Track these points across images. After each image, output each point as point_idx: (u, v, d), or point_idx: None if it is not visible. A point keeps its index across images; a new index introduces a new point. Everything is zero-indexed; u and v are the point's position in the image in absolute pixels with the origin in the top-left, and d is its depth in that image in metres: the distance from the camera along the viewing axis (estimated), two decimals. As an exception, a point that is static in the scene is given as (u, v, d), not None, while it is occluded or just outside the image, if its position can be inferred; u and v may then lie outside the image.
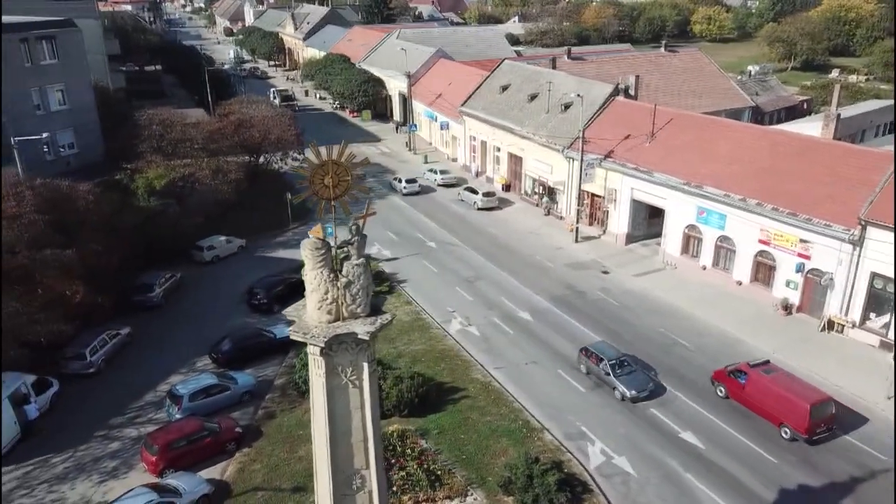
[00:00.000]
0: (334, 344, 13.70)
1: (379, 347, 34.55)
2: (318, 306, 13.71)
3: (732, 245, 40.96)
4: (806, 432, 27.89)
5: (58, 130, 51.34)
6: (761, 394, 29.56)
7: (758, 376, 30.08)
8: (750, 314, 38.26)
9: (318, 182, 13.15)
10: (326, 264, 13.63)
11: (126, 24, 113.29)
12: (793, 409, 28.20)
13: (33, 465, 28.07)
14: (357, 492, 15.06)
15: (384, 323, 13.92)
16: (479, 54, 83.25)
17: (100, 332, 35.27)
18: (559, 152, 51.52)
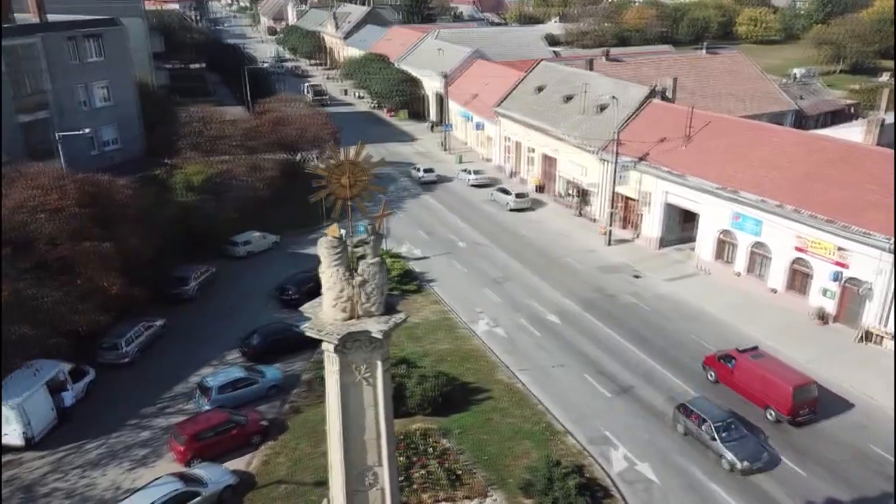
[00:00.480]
0: (348, 342, 13.89)
1: (405, 346, 35.22)
2: (333, 304, 13.92)
3: (768, 251, 40.15)
4: (789, 413, 29.17)
5: (101, 126, 52.75)
6: (748, 377, 30.86)
7: (745, 361, 31.33)
8: (784, 323, 37.46)
9: (336, 182, 13.33)
10: (342, 263, 13.82)
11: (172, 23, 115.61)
12: (777, 391, 29.48)
13: (67, 451, 28.99)
14: (369, 488, 15.24)
15: (398, 322, 14.07)
16: (516, 55, 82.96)
17: (135, 323, 36.23)
18: (593, 154, 51.13)
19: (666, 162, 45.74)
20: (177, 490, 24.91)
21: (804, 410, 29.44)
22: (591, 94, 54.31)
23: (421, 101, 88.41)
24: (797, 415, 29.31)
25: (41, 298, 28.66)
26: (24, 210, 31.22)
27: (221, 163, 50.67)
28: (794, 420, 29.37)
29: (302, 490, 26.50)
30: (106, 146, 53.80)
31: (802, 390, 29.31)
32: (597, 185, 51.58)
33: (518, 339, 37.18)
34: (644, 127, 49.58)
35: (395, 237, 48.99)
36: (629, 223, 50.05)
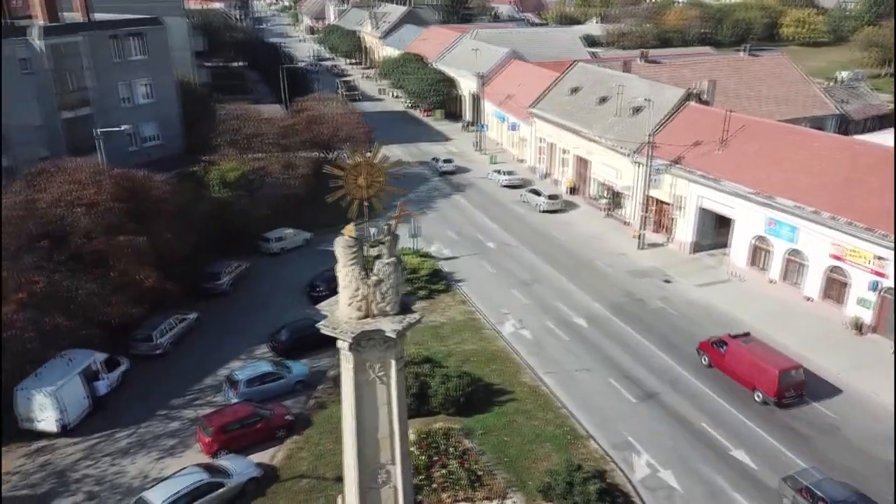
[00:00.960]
0: (363, 340, 14.07)
1: (430, 345, 35.36)
2: (348, 302, 14.10)
3: (803, 259, 39.28)
4: (775, 395, 30.50)
5: (142, 123, 54.10)
6: (738, 361, 32.16)
7: (736, 346, 32.66)
8: (819, 332, 36.59)
9: (352, 182, 13.49)
10: (358, 262, 13.99)
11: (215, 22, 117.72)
12: (764, 374, 30.85)
13: (99, 439, 29.80)
14: (382, 486, 15.41)
15: (412, 322, 14.19)
16: (553, 56, 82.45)
17: (168, 316, 37.04)
18: (627, 157, 50.61)
19: (700, 166, 45.04)
20: (202, 480, 25.41)
21: (790, 393, 30.72)
22: (626, 95, 53.72)
23: (456, 102, 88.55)
24: (783, 397, 30.65)
25: (75, 290, 29.48)
26: (62, 204, 32.16)
27: (256, 160, 51.48)
28: (779, 402, 30.65)
29: (323, 485, 26.80)
30: (146, 142, 55.10)
31: (788, 374, 30.59)
32: (630, 188, 51.03)
33: (544, 341, 37.02)
34: (679, 130, 48.88)
35: (425, 237, 49.13)
36: (662, 227, 49.40)
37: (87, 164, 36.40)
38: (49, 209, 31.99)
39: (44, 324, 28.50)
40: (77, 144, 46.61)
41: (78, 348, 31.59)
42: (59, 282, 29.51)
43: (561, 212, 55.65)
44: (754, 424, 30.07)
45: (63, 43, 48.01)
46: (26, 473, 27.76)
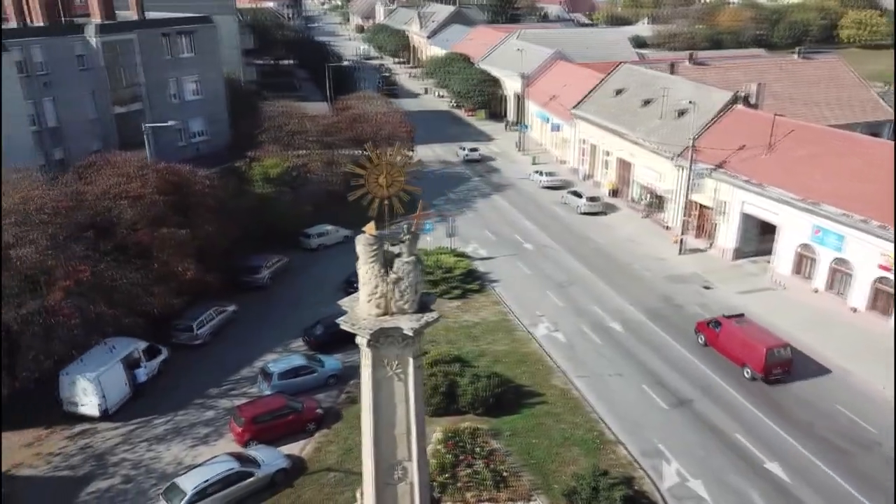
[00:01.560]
0: (381, 337, 14.23)
1: (461, 345, 35.46)
2: (367, 299, 14.29)
3: (850, 268, 38.07)
4: (762, 371, 32.24)
5: (190, 118, 55.53)
6: (730, 340, 33.99)
7: (730, 326, 34.42)
8: (863, 344, 35.39)
9: (373, 181, 13.66)
10: (377, 260, 14.16)
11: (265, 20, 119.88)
12: (753, 351, 32.60)
13: (138, 424, 30.74)
14: (399, 482, 15.55)
15: (430, 321, 14.30)
16: (599, 56, 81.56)
17: (208, 308, 37.96)
18: (669, 160, 49.80)
19: (745, 170, 44.05)
20: (232, 469, 25.99)
21: (777, 370, 32.45)
22: (670, 98, 52.88)
23: (500, 102, 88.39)
24: (770, 373, 32.36)
25: (119, 280, 30.45)
26: (109, 196, 33.28)
27: (299, 157, 52.33)
28: (766, 378, 32.37)
29: (350, 479, 27.06)
30: (193, 138, 56.55)
31: (775, 351, 32.31)
32: (672, 192, 50.20)
33: (577, 344, 36.73)
34: (724, 133, 47.88)
35: (462, 236, 49.24)
36: (703, 232, 48.46)
37: (133, 157, 37.54)
38: (97, 201, 33.14)
39: (88, 311, 29.54)
40: (128, 138, 48.18)
41: (120, 336, 32.65)
42: (103, 271, 30.53)
43: (601, 214, 55.08)
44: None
45: (117, 40, 49.65)
46: (68, 455, 28.82)
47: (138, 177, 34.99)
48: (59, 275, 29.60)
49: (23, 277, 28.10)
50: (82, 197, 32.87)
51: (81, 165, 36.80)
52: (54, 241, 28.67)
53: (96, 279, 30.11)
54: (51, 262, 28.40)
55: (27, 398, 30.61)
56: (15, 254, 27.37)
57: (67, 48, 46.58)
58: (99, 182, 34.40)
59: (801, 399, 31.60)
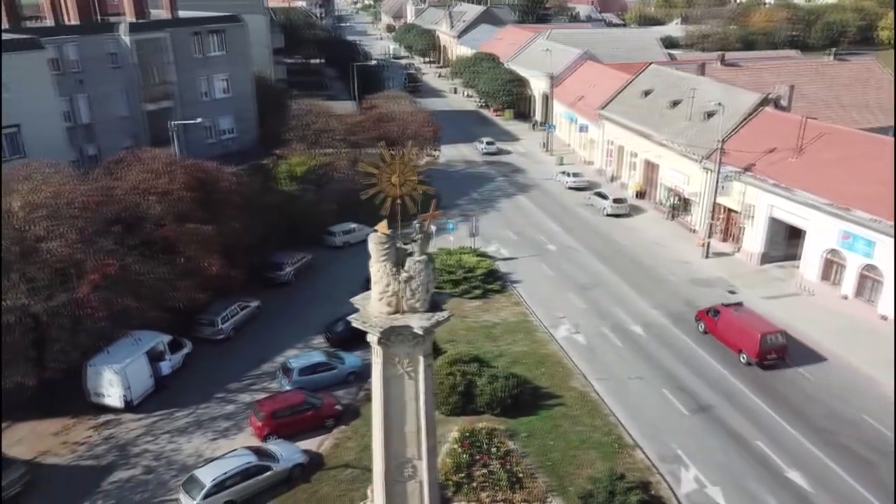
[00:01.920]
0: (392, 335, 14.33)
1: (481, 345, 35.48)
2: (379, 297, 14.41)
3: (880, 275, 37.27)
4: (757, 356, 33.42)
5: (219, 116, 56.30)
6: (728, 327, 35.20)
7: (728, 314, 35.75)
8: (891, 353, 34.61)
9: (386, 180, 13.76)
10: (389, 258, 14.26)
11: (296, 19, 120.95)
12: (748, 337, 33.79)
13: (160, 417, 31.29)
14: (408, 480, 15.64)
15: (440, 320, 14.36)
16: (628, 57, 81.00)
17: (231, 303, 38.44)
18: (696, 162, 49.23)
19: (773, 174, 43.37)
20: (250, 463, 26.35)
21: (771, 355, 33.63)
22: (698, 99, 52.28)
23: (527, 102, 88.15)
24: (764, 358, 33.54)
25: (145, 274, 30.98)
26: (137, 192, 33.88)
27: (324, 155, 52.78)
28: (761, 363, 33.58)
29: (367, 476, 27.05)
30: (222, 135, 57.32)
31: (770, 337, 33.45)
32: (698, 195, 49.61)
33: (598, 347, 36.51)
34: (753, 136, 47.20)
35: (485, 236, 49.23)
36: (729, 236, 47.82)
37: (161, 154, 38.16)
38: (125, 196, 33.74)
39: (114, 304, 30.10)
40: (158, 135, 48.92)
41: (145, 329, 33.25)
42: (130, 265, 31.04)
43: (626, 216, 54.65)
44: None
45: (149, 39, 50.51)
46: (92, 445, 29.46)
47: (166, 173, 35.54)
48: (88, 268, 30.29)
49: (52, 270, 28.73)
50: (111, 192, 33.48)
51: (111, 161, 37.53)
52: (83, 235, 29.25)
53: (123, 273, 30.63)
54: (79, 256, 29.00)
55: (55, 388, 31.36)
56: (44, 247, 28.01)
57: (100, 46, 47.54)
58: (128, 178, 35.04)
59: (829, 408, 31.04)
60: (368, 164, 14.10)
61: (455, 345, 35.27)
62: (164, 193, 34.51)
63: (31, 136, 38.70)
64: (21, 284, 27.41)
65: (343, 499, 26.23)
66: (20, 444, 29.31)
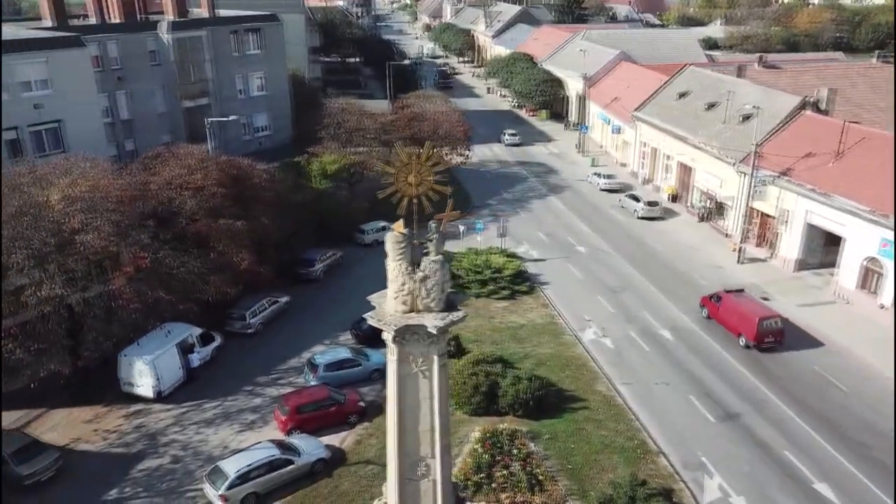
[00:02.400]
0: (406, 333, 14.42)
1: (506, 346, 35.41)
2: (394, 296, 14.51)
3: (920, 285, 36.23)
4: (754, 339, 35.04)
5: (255, 114, 57.21)
6: (729, 312, 36.80)
7: (729, 299, 37.26)
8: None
9: (402, 180, 13.86)
10: (405, 257, 14.35)
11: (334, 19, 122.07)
12: (746, 321, 35.41)
13: (189, 408, 31.96)
14: (421, 478, 15.73)
15: (454, 320, 14.40)
16: (665, 58, 79.80)
17: (261, 298, 39.04)
18: (731, 166, 48.37)
19: (811, 179, 42.38)
20: (273, 456, 26.74)
21: (769, 339, 35.12)
22: (735, 102, 51.35)
23: (562, 102, 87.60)
24: (762, 341, 35.05)
25: (177, 267, 31.65)
26: (171, 187, 34.62)
27: (357, 154, 53.18)
28: (759, 346, 35.09)
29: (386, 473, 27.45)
30: (257, 132, 58.24)
31: (767, 321, 35.00)
32: (733, 199, 48.73)
33: (625, 351, 36.15)
34: (791, 140, 46.19)
35: (514, 237, 49.13)
36: (764, 241, 46.88)
37: (196, 150, 38.91)
38: (159, 191, 34.53)
39: (147, 297, 30.84)
40: (195, 132, 49.96)
41: (176, 322, 34.01)
42: (163, 259, 31.76)
43: (659, 219, 53.97)
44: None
45: (188, 37, 51.54)
46: (123, 433, 30.24)
47: (200, 169, 36.24)
48: (122, 261, 31.09)
49: (87, 262, 29.53)
50: (146, 187, 34.30)
51: (147, 157, 38.38)
52: (118, 229, 29.98)
53: (156, 266, 31.39)
54: (113, 249, 29.77)
55: (90, 377, 32.28)
56: (80, 239, 28.79)
57: (141, 44, 48.69)
58: (162, 173, 35.83)
59: (864, 420, 30.22)
60: (385, 164, 14.19)
61: (480, 345, 35.30)
62: (197, 189, 35.19)
63: (72, 132, 39.78)
64: (57, 275, 28.19)
65: (364, 494, 26.42)
66: (54, 430, 30.24)
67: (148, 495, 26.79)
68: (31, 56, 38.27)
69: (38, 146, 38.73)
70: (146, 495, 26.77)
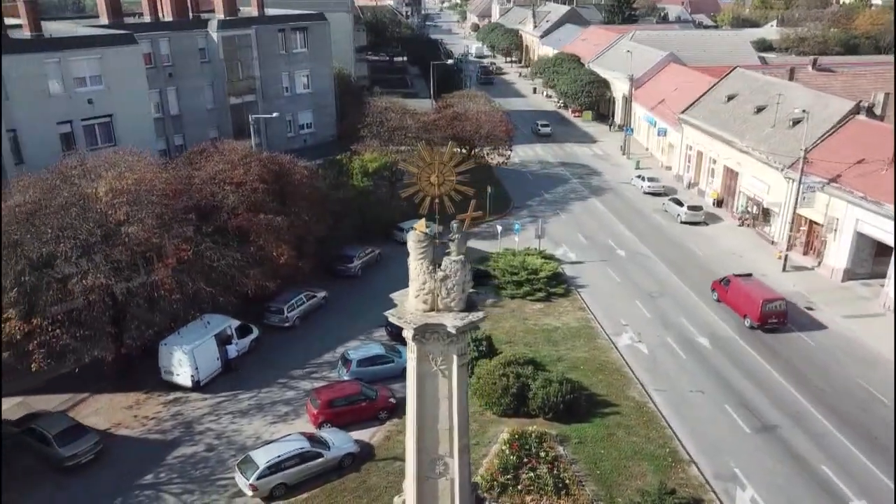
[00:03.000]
0: (426, 332, 14.51)
1: (539, 348, 35.22)
2: (415, 295, 14.62)
3: (974, 299, 34.76)
4: (758, 320, 36.78)
5: (299, 111, 58.14)
6: (736, 294, 38.73)
7: (737, 283, 39.14)
8: (983, 383, 32.25)
9: (425, 179, 13.95)
10: (427, 256, 14.45)
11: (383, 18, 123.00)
12: (751, 303, 37.23)
13: (225, 398, 32.68)
14: (439, 477, 15.79)
15: (474, 320, 14.43)
16: (715, 60, 78.09)
17: (299, 292, 39.66)
18: (779, 171, 47.14)
19: (861, 186, 41.01)
20: (302, 448, 27.17)
21: (773, 320, 36.88)
22: (785, 106, 50.02)
23: (608, 103, 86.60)
24: (766, 322, 36.83)
25: (217, 261, 32.38)
26: (214, 181, 35.41)
27: (398, 153, 53.52)
28: (762, 326, 36.85)
29: (414, 470, 27.63)
30: (301, 129, 59.20)
31: (770, 303, 36.67)
32: (779, 205, 47.47)
33: (660, 357, 35.61)
34: (842, 146, 44.76)
35: (553, 239, 48.83)
36: (811, 249, 45.57)
37: (239, 146, 39.72)
38: (203, 185, 35.34)
39: (187, 288, 31.64)
40: (241, 128, 51.05)
41: (216, 313, 34.80)
42: (203, 252, 32.56)
43: (702, 224, 52.93)
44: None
45: (237, 35, 52.68)
46: (160, 420, 31.10)
47: (242, 164, 36.99)
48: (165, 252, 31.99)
49: (131, 253, 30.46)
50: (190, 181, 35.16)
51: (192, 151, 39.37)
52: (161, 221, 30.87)
53: (197, 259, 32.20)
54: (156, 241, 30.65)
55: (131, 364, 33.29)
56: (125, 230, 29.73)
57: (191, 42, 49.97)
58: (206, 168, 36.68)
59: None
60: (408, 163, 14.30)
61: (513, 346, 35.22)
62: (239, 184, 35.91)
63: (122, 126, 41.08)
64: (102, 265, 29.15)
65: (390, 490, 26.59)
66: (97, 414, 31.30)
67: (182, 481, 27.50)
68: (86, 53, 39.63)
69: (90, 139, 40.11)
70: (180, 481, 27.49)
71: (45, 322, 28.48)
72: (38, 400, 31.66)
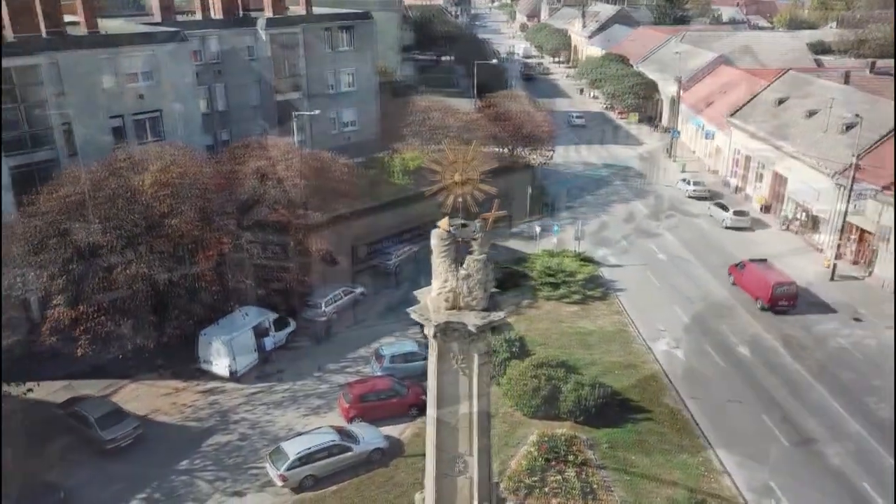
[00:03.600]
0: (447, 330, 14.56)
1: (573, 351, 35.02)
2: (438, 292, 14.68)
3: None
4: (768, 302, 38.80)
5: (343, 109, 58.66)
6: (750, 278, 40.77)
7: (751, 267, 41.21)
8: None
9: (449, 178, 14.00)
10: (449, 255, 14.50)
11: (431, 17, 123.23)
12: (763, 285, 39.32)
13: (260, 389, 33.31)
14: (458, 475, 15.82)
15: (495, 320, 14.42)
16: (770, 62, 76.14)
17: (336, 288, 40.13)
18: (829, 177, 45.74)
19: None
20: (332, 441, 27.54)
21: (783, 302, 38.81)
22: (837, 110, 48.48)
23: (654, 105, 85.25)
24: (776, 304, 38.71)
25: (257, 254, 33.06)
26: (256, 176, 36.13)
27: (438, 152, 53.62)
28: (773, 308, 38.77)
29: (442, 468, 27.71)
30: (345, 127, 59.63)
31: (781, 286, 38.70)
32: (829, 212, 46.06)
33: (698, 364, 34.92)
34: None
35: (593, 241, 48.34)
36: (861, 258, 44.07)
37: (281, 142, 40.43)
38: (244, 180, 36.10)
39: (227, 280, 32.42)
40: (286, 124, 51.79)
41: (254, 306, 35.50)
42: (244, 245, 33.30)
43: (747, 230, 51.71)
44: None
45: (284, 33, 53.48)
46: (197, 408, 31.87)
47: (283, 160, 37.64)
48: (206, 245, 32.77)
49: (174, 244, 31.30)
50: (233, 176, 35.96)
51: (236, 146, 40.21)
52: (203, 214, 31.65)
53: (237, 252, 32.94)
54: (197, 233, 31.42)
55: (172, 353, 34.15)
56: (168, 223, 30.57)
57: (239, 40, 50.94)
58: (249, 163, 37.42)
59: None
60: (432, 162, 14.39)
61: (546, 348, 35.02)
62: (280, 179, 36.56)
63: (170, 121, 42.16)
64: (146, 255, 30.03)
65: (417, 486, 26.48)
66: (137, 400, 32.24)
67: (215, 468, 28.15)
68: (137, 49, 40.81)
69: (139, 133, 41.29)
70: (213, 468, 28.14)
71: (90, 309, 29.49)
72: (83, 384, 32.72)
